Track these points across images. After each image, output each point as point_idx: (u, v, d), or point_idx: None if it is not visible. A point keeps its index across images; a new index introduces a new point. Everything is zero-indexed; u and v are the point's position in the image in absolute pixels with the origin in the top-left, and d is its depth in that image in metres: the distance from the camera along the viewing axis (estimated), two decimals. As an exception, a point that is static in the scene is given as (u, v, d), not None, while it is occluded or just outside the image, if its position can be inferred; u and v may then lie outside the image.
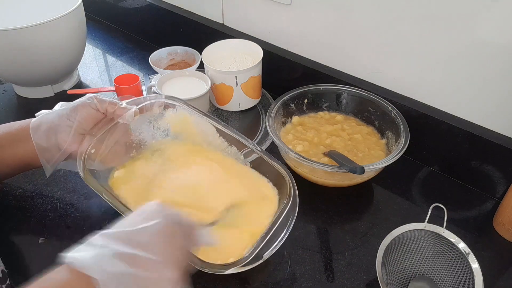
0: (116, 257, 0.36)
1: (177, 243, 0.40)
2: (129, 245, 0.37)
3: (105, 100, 0.56)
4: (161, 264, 0.38)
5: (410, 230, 0.51)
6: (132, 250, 0.37)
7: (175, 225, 0.41)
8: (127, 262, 0.36)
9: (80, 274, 0.35)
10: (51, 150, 0.53)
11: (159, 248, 0.38)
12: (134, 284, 0.36)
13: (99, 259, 0.36)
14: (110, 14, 1.15)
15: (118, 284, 0.35)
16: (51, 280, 0.36)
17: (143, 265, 0.37)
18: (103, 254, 0.36)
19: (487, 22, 0.56)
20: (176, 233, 0.40)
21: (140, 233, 0.38)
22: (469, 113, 0.64)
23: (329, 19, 0.72)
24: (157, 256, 0.38)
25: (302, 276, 0.53)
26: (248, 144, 0.59)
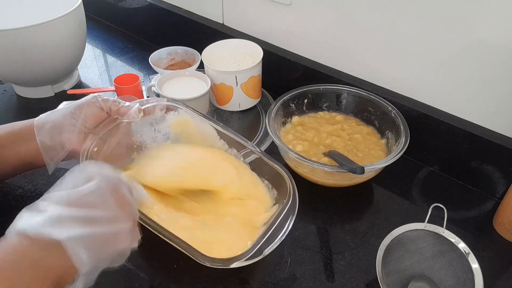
0: (72, 219, 0.38)
1: (122, 197, 0.43)
2: (79, 207, 0.39)
3: (109, 99, 0.57)
4: (114, 219, 0.41)
5: (410, 230, 0.51)
6: (84, 211, 0.39)
7: (116, 182, 0.43)
8: (83, 222, 0.38)
9: (38, 240, 0.36)
10: (55, 148, 0.54)
11: (108, 205, 0.41)
12: (94, 241, 0.38)
13: (56, 223, 0.37)
14: (110, 14, 1.15)
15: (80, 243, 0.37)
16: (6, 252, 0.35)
17: (98, 222, 0.39)
18: (59, 218, 0.37)
19: (487, 22, 0.56)
20: (119, 188, 0.43)
21: (87, 195, 0.40)
22: (469, 113, 0.64)
23: (329, 19, 0.72)
24: (108, 211, 0.40)
25: (302, 276, 0.53)
26: (247, 145, 0.59)
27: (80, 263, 0.37)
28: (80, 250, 0.37)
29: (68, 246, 0.36)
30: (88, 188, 0.41)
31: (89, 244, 0.38)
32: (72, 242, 0.36)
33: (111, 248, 0.40)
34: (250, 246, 0.47)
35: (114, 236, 0.40)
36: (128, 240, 0.42)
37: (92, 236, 0.38)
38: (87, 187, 0.41)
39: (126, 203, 0.43)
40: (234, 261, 0.45)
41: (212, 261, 0.45)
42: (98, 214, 0.39)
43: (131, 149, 0.61)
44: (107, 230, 0.39)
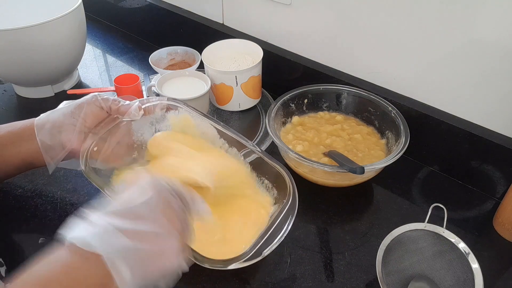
0: (118, 232, 0.36)
1: (175, 213, 0.40)
2: (129, 220, 0.37)
3: (109, 98, 0.57)
4: (163, 236, 0.38)
5: (410, 230, 0.51)
6: (133, 225, 0.37)
7: (169, 196, 0.41)
8: (129, 237, 0.36)
9: (83, 253, 0.35)
10: (56, 148, 0.54)
11: (159, 220, 0.39)
12: (138, 258, 0.36)
13: (101, 236, 0.36)
14: (110, 14, 1.15)
15: (123, 259, 0.35)
16: (53, 262, 0.36)
17: (145, 238, 0.37)
18: (106, 231, 0.36)
19: (487, 21, 0.56)
20: (172, 204, 0.40)
21: (138, 208, 0.39)
22: (469, 113, 0.64)
23: (329, 19, 0.72)
24: (158, 228, 0.38)
25: (302, 276, 0.53)
26: (247, 145, 0.59)
27: (120, 278, 0.35)
28: (122, 265, 0.35)
29: (109, 260, 0.35)
30: (139, 199, 0.39)
31: (132, 260, 0.36)
32: (113, 256, 0.35)
33: (156, 266, 0.38)
34: (249, 247, 0.47)
35: (160, 253, 0.38)
36: (174, 259, 0.39)
37: (136, 252, 0.36)
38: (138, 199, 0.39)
39: (178, 218, 0.40)
40: (233, 262, 0.45)
41: (211, 262, 0.45)
42: (145, 228, 0.37)
43: (132, 148, 0.61)
44: (153, 246, 0.37)
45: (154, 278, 0.38)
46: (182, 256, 0.40)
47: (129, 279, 0.36)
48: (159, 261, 0.38)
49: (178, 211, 0.41)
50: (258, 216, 0.55)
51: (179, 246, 0.39)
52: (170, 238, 0.39)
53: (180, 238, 0.40)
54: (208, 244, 0.50)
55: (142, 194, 0.40)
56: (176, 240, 0.39)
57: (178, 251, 0.39)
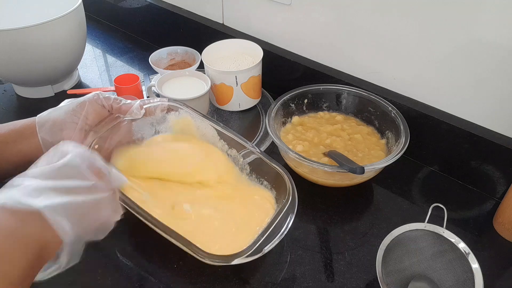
0: (50, 190, 0.37)
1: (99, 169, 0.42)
2: (56, 179, 0.38)
3: (111, 97, 0.57)
4: (93, 188, 0.40)
5: (410, 230, 0.51)
6: (62, 182, 0.38)
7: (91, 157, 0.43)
8: (62, 192, 0.37)
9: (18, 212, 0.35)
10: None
11: (84, 175, 0.40)
12: (75, 210, 0.38)
13: (34, 194, 0.36)
14: (110, 14, 1.15)
15: (61, 213, 0.36)
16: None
17: (78, 192, 0.39)
18: (37, 188, 0.37)
19: (487, 21, 0.56)
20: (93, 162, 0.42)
21: (64, 168, 0.40)
22: (469, 113, 0.64)
23: (329, 19, 0.72)
24: (86, 181, 0.40)
25: (302, 276, 0.53)
26: (247, 146, 0.59)
27: (62, 231, 0.36)
28: (62, 218, 0.36)
29: (48, 215, 0.35)
30: (62, 162, 0.40)
31: (70, 212, 0.37)
32: (53, 210, 0.36)
33: (93, 217, 0.40)
34: (250, 244, 0.47)
35: (94, 204, 0.40)
36: (109, 210, 0.42)
37: (73, 204, 0.38)
38: (62, 161, 0.40)
39: (104, 175, 0.42)
40: (234, 258, 0.45)
41: (212, 258, 0.45)
42: (76, 183, 0.39)
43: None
44: (87, 198, 0.39)
45: (91, 229, 0.40)
46: (115, 206, 0.43)
47: (70, 230, 0.37)
48: (95, 212, 0.40)
49: (103, 167, 0.43)
50: (258, 214, 0.55)
51: (110, 196, 0.42)
52: (101, 190, 0.41)
53: (109, 189, 0.42)
54: (209, 240, 0.50)
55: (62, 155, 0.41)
56: (107, 191, 0.41)
57: (110, 201, 0.42)
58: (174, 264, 0.54)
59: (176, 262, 0.54)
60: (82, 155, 0.42)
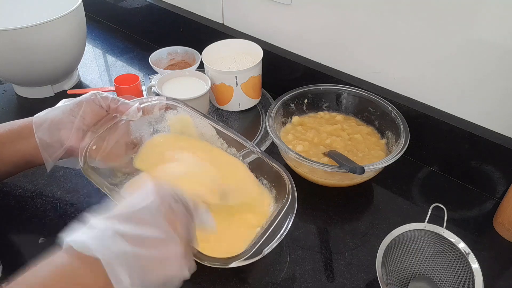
0: (118, 236, 0.35)
1: (177, 218, 0.39)
2: (130, 224, 0.36)
3: (108, 97, 0.57)
4: (165, 241, 0.37)
5: (410, 230, 0.51)
6: (133, 229, 0.36)
7: (172, 201, 0.40)
8: (129, 241, 0.35)
9: (81, 256, 0.35)
10: (54, 145, 0.54)
11: (161, 225, 0.37)
12: (138, 263, 0.35)
13: (100, 239, 0.35)
14: (110, 14, 1.15)
15: (122, 264, 0.34)
16: (51, 265, 0.35)
17: (146, 243, 0.36)
18: (104, 234, 0.35)
19: (487, 21, 0.56)
20: (174, 209, 0.39)
21: (140, 212, 0.38)
22: (469, 113, 0.64)
23: (329, 19, 0.72)
24: (160, 233, 0.37)
25: (302, 276, 0.53)
26: (247, 145, 0.59)
27: (119, 284, 0.34)
28: (120, 270, 0.34)
29: (107, 265, 0.34)
30: (141, 203, 0.38)
31: (131, 265, 0.35)
32: (111, 261, 0.34)
33: (156, 272, 0.36)
34: (250, 246, 0.47)
35: (161, 259, 0.36)
36: (177, 266, 0.37)
37: (136, 257, 0.35)
38: (140, 203, 0.38)
39: (180, 224, 0.39)
40: (234, 260, 0.45)
41: (211, 260, 0.45)
42: (147, 233, 0.36)
43: (130, 148, 0.61)
44: (154, 252, 0.36)
45: (154, 285, 0.36)
46: (185, 263, 0.38)
47: (128, 284, 0.34)
48: (160, 268, 0.36)
49: (181, 216, 0.39)
50: (258, 215, 0.55)
51: (182, 252, 0.38)
52: (172, 244, 0.37)
53: (182, 244, 0.38)
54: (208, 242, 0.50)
55: (144, 198, 0.39)
56: (178, 246, 0.38)
57: (180, 257, 0.38)
58: (174, 264, 0.54)
59: (176, 262, 0.54)
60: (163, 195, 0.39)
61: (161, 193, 0.39)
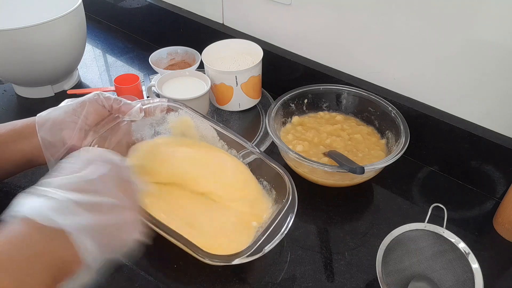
0: (77, 207, 0.36)
1: (128, 186, 0.41)
2: (86, 194, 0.37)
3: (111, 97, 0.57)
4: (121, 208, 0.39)
5: (410, 230, 0.51)
6: (90, 198, 0.37)
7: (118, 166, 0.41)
8: (89, 210, 0.37)
9: (42, 227, 0.35)
10: (56, 145, 0.54)
11: (112, 190, 0.39)
12: (100, 231, 0.37)
13: (61, 210, 0.35)
14: (110, 14, 1.15)
15: (86, 233, 0.35)
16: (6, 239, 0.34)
17: (104, 210, 0.38)
18: (65, 205, 0.36)
19: (487, 21, 0.56)
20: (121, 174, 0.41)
21: (93, 181, 0.39)
22: (469, 113, 0.64)
23: (329, 19, 0.72)
24: (113, 198, 0.39)
25: (302, 276, 0.53)
26: (247, 146, 0.59)
27: (85, 252, 0.35)
28: (86, 238, 0.35)
29: (73, 235, 0.35)
30: (90, 173, 0.39)
31: (94, 233, 0.36)
32: (78, 230, 0.35)
33: (116, 238, 0.39)
34: (250, 244, 0.47)
35: (119, 224, 0.39)
36: (133, 230, 0.40)
37: (97, 225, 0.37)
38: (89, 172, 0.39)
39: (131, 190, 0.41)
40: (234, 258, 0.45)
41: (212, 258, 0.45)
42: (102, 201, 0.38)
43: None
44: (112, 218, 0.38)
45: (114, 250, 0.39)
46: (139, 227, 0.41)
47: (93, 252, 0.36)
48: (119, 233, 0.39)
49: (131, 184, 0.42)
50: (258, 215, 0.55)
51: (136, 217, 0.41)
52: (127, 210, 0.40)
53: (136, 209, 0.41)
54: (209, 240, 0.50)
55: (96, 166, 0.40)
56: (134, 211, 0.40)
57: (136, 222, 0.40)
58: (174, 264, 0.54)
59: (176, 262, 0.54)
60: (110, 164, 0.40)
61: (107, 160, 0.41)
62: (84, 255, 0.36)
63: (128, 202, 0.40)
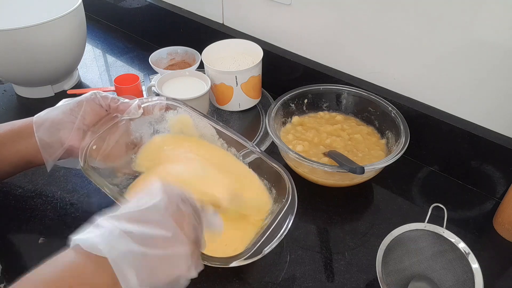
0: (125, 235, 0.35)
1: (185, 218, 0.39)
2: (136, 223, 0.36)
3: (108, 96, 0.57)
4: (172, 241, 0.37)
5: (410, 230, 0.51)
6: (140, 228, 0.36)
7: (180, 201, 0.40)
8: (136, 240, 0.35)
9: (89, 255, 0.35)
10: (54, 145, 0.54)
11: (167, 224, 0.37)
12: (146, 262, 0.35)
13: (107, 238, 0.35)
14: (110, 14, 1.15)
15: (129, 263, 0.35)
16: (59, 263, 0.35)
17: (153, 242, 0.36)
18: (112, 233, 0.35)
19: (487, 21, 0.56)
20: (182, 210, 0.39)
21: (146, 211, 0.38)
22: (469, 113, 0.64)
23: (329, 19, 0.72)
24: (167, 232, 0.37)
25: (302, 276, 0.53)
26: (247, 145, 0.59)
27: (126, 283, 0.34)
28: (128, 269, 0.34)
29: (114, 264, 0.34)
30: (148, 202, 0.38)
31: (138, 265, 0.35)
32: (119, 259, 0.34)
33: (163, 272, 0.36)
34: (250, 245, 0.47)
35: (168, 259, 0.36)
36: (184, 266, 0.37)
37: (143, 256, 0.35)
38: (144, 202, 0.38)
39: (188, 224, 0.39)
40: (233, 260, 0.45)
41: (211, 260, 0.45)
42: (154, 232, 0.36)
43: (130, 148, 0.61)
44: (161, 251, 0.36)
45: (161, 284, 0.36)
46: (192, 263, 0.38)
47: (135, 284, 0.35)
48: (167, 267, 0.36)
49: (188, 217, 0.39)
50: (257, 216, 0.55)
51: (188, 252, 0.38)
52: (179, 243, 0.37)
53: (189, 244, 0.38)
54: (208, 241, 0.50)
55: (151, 198, 0.39)
56: (186, 246, 0.38)
57: (187, 257, 0.38)
58: (174, 264, 0.54)
59: (176, 262, 0.54)
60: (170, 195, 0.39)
61: (169, 193, 0.40)
62: (125, 285, 0.34)
63: (182, 235, 0.38)
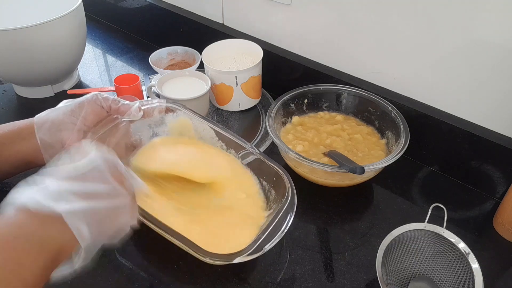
0: (73, 195, 0.38)
1: (122, 176, 0.43)
2: (82, 183, 0.39)
3: (109, 98, 0.57)
4: (114, 194, 0.41)
5: (410, 230, 0.51)
6: (86, 187, 0.39)
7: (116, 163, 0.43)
8: (84, 197, 0.38)
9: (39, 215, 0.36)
10: (55, 146, 0.54)
11: (109, 181, 0.41)
12: (95, 217, 0.39)
13: (57, 198, 0.37)
14: (110, 14, 1.15)
15: (81, 219, 0.37)
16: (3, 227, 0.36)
17: (99, 198, 0.39)
18: (60, 194, 0.37)
19: (488, 22, 0.56)
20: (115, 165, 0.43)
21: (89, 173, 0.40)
22: (469, 113, 0.64)
23: (329, 19, 0.72)
24: (109, 188, 0.40)
25: (302, 276, 0.53)
26: (246, 146, 0.59)
27: (80, 236, 0.37)
28: (81, 223, 0.37)
29: (68, 220, 0.36)
30: (86, 163, 0.41)
31: (89, 218, 0.38)
32: (73, 215, 0.37)
33: (111, 222, 0.41)
34: (251, 242, 0.47)
35: (114, 210, 0.41)
36: (128, 215, 0.43)
37: (93, 210, 0.39)
38: (85, 163, 0.41)
39: (124, 179, 0.43)
40: (235, 257, 0.45)
41: (213, 257, 0.45)
42: (98, 188, 0.40)
43: (130, 150, 0.61)
44: (107, 204, 0.40)
45: (109, 234, 0.41)
46: (133, 211, 0.43)
47: (88, 238, 0.38)
48: (113, 218, 0.41)
49: (125, 174, 0.44)
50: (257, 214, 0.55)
51: (130, 202, 0.43)
52: (121, 196, 0.42)
53: (129, 197, 0.43)
54: (208, 239, 0.50)
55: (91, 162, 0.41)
56: (126, 198, 0.42)
57: (129, 208, 0.43)
58: (174, 264, 0.54)
59: (176, 262, 0.54)
60: (105, 158, 0.42)
61: (106, 156, 0.43)
62: (80, 239, 0.37)
63: (122, 190, 0.42)
